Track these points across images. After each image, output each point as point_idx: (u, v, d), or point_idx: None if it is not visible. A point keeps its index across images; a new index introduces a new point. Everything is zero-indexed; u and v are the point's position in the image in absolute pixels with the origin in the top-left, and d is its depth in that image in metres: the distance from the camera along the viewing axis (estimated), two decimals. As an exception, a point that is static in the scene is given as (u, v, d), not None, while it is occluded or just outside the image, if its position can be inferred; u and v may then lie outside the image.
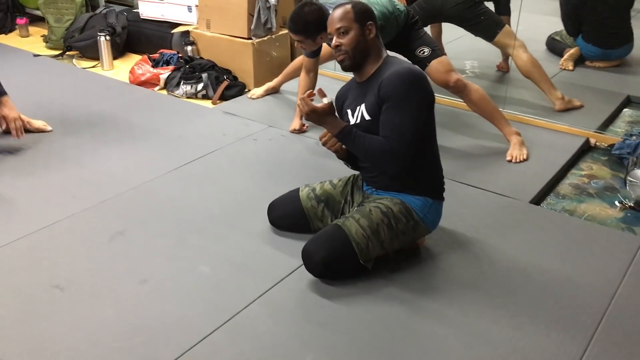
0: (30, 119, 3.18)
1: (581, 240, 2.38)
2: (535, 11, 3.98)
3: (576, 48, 4.32)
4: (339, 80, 3.97)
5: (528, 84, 3.62)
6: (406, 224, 2.12)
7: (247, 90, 3.88)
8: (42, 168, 2.87)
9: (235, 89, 3.81)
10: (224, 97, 3.75)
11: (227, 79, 3.81)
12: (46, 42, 4.71)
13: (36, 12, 5.08)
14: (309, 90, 2.10)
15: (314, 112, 2.05)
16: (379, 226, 2.08)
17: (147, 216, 2.50)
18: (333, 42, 2.12)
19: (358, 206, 2.21)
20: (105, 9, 4.62)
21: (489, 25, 3.54)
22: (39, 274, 2.14)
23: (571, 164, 3.05)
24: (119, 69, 4.28)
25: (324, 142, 2.14)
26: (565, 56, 4.32)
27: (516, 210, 2.58)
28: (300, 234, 2.33)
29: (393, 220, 2.10)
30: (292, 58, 4.10)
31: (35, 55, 4.44)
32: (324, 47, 3.29)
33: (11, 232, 2.36)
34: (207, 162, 2.95)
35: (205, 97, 3.77)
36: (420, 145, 2.07)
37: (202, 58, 4.02)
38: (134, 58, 4.46)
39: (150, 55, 4.06)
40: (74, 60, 4.42)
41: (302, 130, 3.28)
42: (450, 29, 4.10)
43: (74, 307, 1.99)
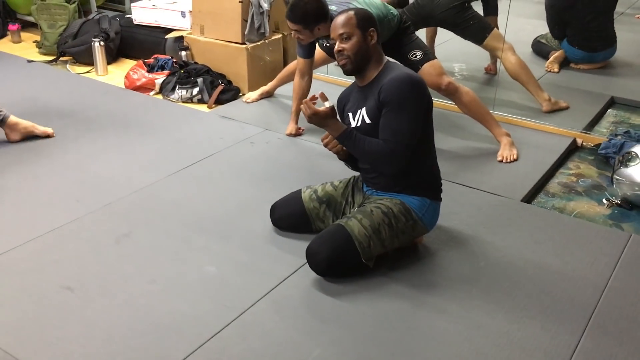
0: (35, 125, 3.23)
1: (571, 236, 2.48)
2: (521, 14, 4.09)
3: (561, 51, 4.44)
4: (332, 84, 4.05)
5: (516, 86, 3.73)
6: (406, 223, 2.21)
7: (241, 94, 3.95)
8: (45, 173, 2.91)
9: (229, 93, 3.88)
10: (219, 101, 3.81)
11: (221, 83, 3.87)
12: (39, 47, 4.73)
13: (28, 18, 5.10)
14: (311, 94, 2.17)
15: (316, 115, 2.12)
16: (380, 226, 2.16)
17: (151, 218, 2.56)
18: (336, 47, 2.19)
19: (359, 207, 2.29)
20: (97, 14, 4.66)
21: (479, 29, 3.64)
22: (48, 275, 2.20)
23: (559, 163, 3.15)
24: (113, 74, 4.32)
25: (326, 144, 2.22)
26: (551, 59, 4.44)
27: (509, 209, 2.67)
28: (301, 234, 2.41)
29: (393, 220, 2.18)
30: (285, 62, 4.18)
31: (29, 61, 4.47)
32: (317, 51, 3.37)
33: (18, 236, 2.41)
34: (206, 165, 3.01)
35: (201, 101, 3.83)
36: (418, 148, 2.16)
37: (196, 63, 4.08)
38: (128, 63, 4.50)
39: (145, 61, 4.11)
40: (67, 66, 4.45)
41: (298, 133, 3.35)
42: (438, 32, 4.20)
43: (85, 307, 2.04)
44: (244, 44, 3.91)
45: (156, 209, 2.63)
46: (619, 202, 2.78)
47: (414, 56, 3.10)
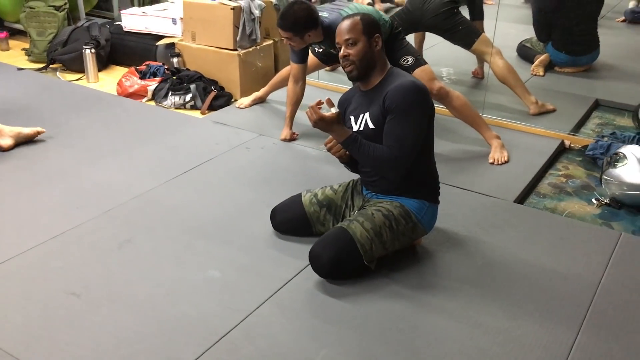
0: (21, 129, 3.24)
1: (564, 235, 2.56)
2: (506, 19, 4.18)
3: (546, 55, 4.54)
4: (323, 90, 4.11)
5: (504, 90, 3.81)
6: (406, 225, 2.26)
7: (233, 100, 3.98)
8: (43, 181, 2.92)
9: (222, 99, 3.91)
10: (211, 107, 3.84)
11: (214, 89, 3.91)
12: (28, 55, 4.73)
13: (16, 26, 5.09)
14: (316, 100, 2.21)
15: (322, 120, 2.16)
16: (381, 228, 2.21)
17: (153, 224, 2.59)
18: (341, 52, 2.24)
19: (359, 210, 2.34)
20: (87, 22, 4.66)
21: (467, 34, 3.72)
22: (54, 282, 2.22)
23: (549, 165, 3.23)
24: (104, 81, 4.34)
25: (329, 148, 2.27)
26: (536, 62, 4.54)
27: (502, 210, 2.74)
28: (302, 237, 2.45)
29: (394, 223, 2.23)
30: (276, 68, 4.22)
31: (19, 69, 4.47)
32: (310, 57, 3.42)
33: (21, 243, 2.42)
34: (204, 171, 3.04)
35: (194, 107, 3.86)
36: (419, 153, 2.21)
37: (188, 69, 4.11)
38: (118, 70, 4.52)
39: (137, 67, 4.13)
40: (58, 73, 4.46)
41: (292, 138, 3.40)
42: (426, 37, 4.27)
43: (92, 312, 2.07)
44: (236, 50, 3.95)
45: (157, 214, 2.66)
46: (608, 201, 2.86)
47: (405, 62, 3.17)
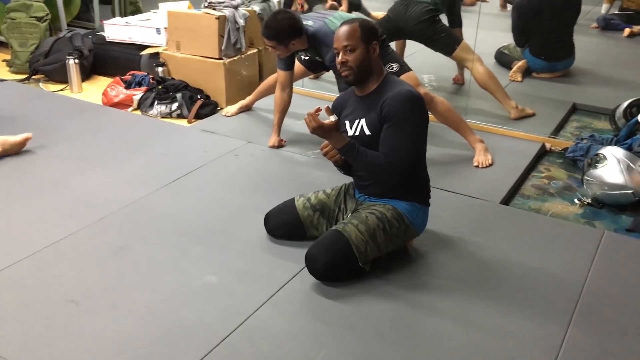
0: (7, 137, 3.23)
1: (549, 235, 2.64)
2: (484, 27, 4.27)
3: (524, 61, 4.65)
4: (307, 97, 4.16)
5: (486, 95, 3.90)
6: (399, 227, 2.32)
7: (219, 108, 4.01)
8: (33, 190, 2.92)
9: (208, 107, 3.94)
10: (198, 116, 3.87)
11: (200, 98, 3.94)
12: (9, 66, 4.71)
13: (-5, 37, 5.07)
14: (316, 107, 2.23)
15: (321, 128, 2.18)
16: (376, 231, 2.26)
17: (147, 231, 2.61)
18: (339, 58, 2.28)
19: (352, 213, 2.39)
20: (69, 32, 4.66)
21: (448, 41, 3.81)
22: (51, 290, 2.22)
23: (531, 167, 3.32)
24: (88, 91, 4.34)
25: (325, 153, 2.31)
26: (514, 68, 4.65)
27: (489, 211, 2.82)
28: (296, 241, 2.49)
29: (387, 225, 2.29)
30: (261, 77, 4.27)
31: (1, 80, 4.44)
32: (296, 65, 3.48)
33: (16, 253, 2.43)
34: (194, 178, 3.07)
35: (180, 116, 3.88)
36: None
37: (173, 79, 4.13)
38: (102, 80, 4.52)
39: (122, 77, 4.14)
40: (40, 84, 4.45)
41: (280, 145, 3.44)
42: (407, 44, 4.36)
43: (92, 320, 2.08)
44: (221, 59, 3.99)
45: (150, 221, 2.68)
46: (589, 201, 2.95)
47: (390, 68, 3.23)
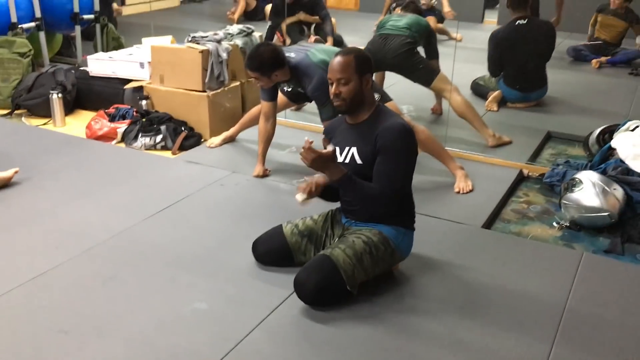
0: None
1: (530, 257, 2.71)
2: (460, 60, 4.41)
3: (498, 91, 4.79)
4: (290, 128, 4.24)
5: (464, 124, 4.01)
6: (385, 251, 2.37)
7: (203, 140, 4.06)
8: (19, 222, 2.93)
9: (192, 139, 3.99)
10: (182, 148, 3.91)
11: (184, 129, 3.98)
12: (-9, 101, 4.71)
13: (-23, 73, 5.07)
14: (305, 139, 2.24)
15: (319, 158, 2.21)
16: (362, 255, 2.31)
17: (134, 260, 2.62)
18: (333, 90, 2.35)
19: (339, 238, 2.44)
20: (52, 67, 4.70)
21: (427, 72, 3.93)
22: (40, 320, 2.22)
23: (510, 192, 3.42)
24: (71, 125, 4.36)
25: (308, 193, 2.35)
26: (490, 99, 4.79)
27: (471, 235, 2.89)
28: (284, 267, 2.53)
29: (374, 249, 2.34)
30: (244, 109, 4.34)
31: (-17, 115, 4.46)
32: (279, 96, 3.55)
33: (3, 284, 2.42)
34: (181, 208, 3.10)
35: (164, 148, 3.92)
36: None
37: (157, 111, 4.18)
38: (85, 114, 4.55)
39: (106, 110, 4.18)
40: (23, 119, 4.46)
41: (265, 174, 3.49)
42: (386, 75, 4.48)
43: (83, 349, 2.08)
44: (205, 91, 4.05)
45: (137, 251, 2.69)
46: (567, 224, 3.04)
47: (371, 98, 3.32)
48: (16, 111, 4.54)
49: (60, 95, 4.30)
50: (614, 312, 2.33)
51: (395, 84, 4.57)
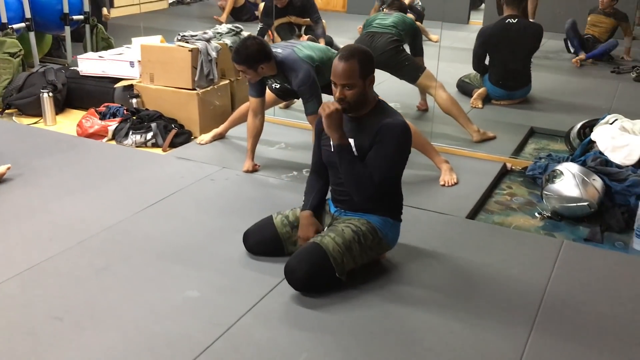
0: None
1: (513, 245, 2.80)
2: (444, 59, 4.50)
3: (483, 89, 4.89)
4: (279, 125, 4.30)
5: (449, 120, 4.10)
6: (372, 240, 2.44)
7: (193, 137, 4.12)
8: (12, 216, 2.97)
9: (182, 136, 4.04)
10: (172, 145, 3.96)
11: (175, 127, 4.04)
12: (-18, 101, 4.74)
13: (-32, 73, 5.10)
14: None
15: (337, 114, 2.30)
16: (351, 243, 2.38)
17: (127, 252, 2.67)
18: (337, 94, 2.36)
19: (328, 227, 2.51)
20: (42, 67, 4.74)
21: (412, 70, 4.02)
22: (36, 309, 2.27)
23: (494, 185, 3.50)
24: (62, 124, 4.40)
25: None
26: (475, 96, 4.88)
27: (456, 225, 2.97)
28: (274, 257, 2.59)
29: (362, 238, 2.41)
30: (233, 106, 4.40)
31: (-26, 114, 4.49)
32: (268, 93, 3.62)
33: (-2, 275, 2.48)
34: (172, 202, 3.15)
35: (155, 145, 3.97)
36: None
37: (147, 109, 4.23)
38: (75, 113, 4.59)
39: (97, 109, 4.22)
40: (14, 118, 4.50)
41: (254, 169, 3.56)
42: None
43: (78, 335, 2.14)
44: (195, 89, 4.11)
45: (130, 243, 2.75)
46: (549, 215, 3.13)
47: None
48: (7, 110, 4.57)
49: (50, 94, 4.33)
50: (591, 295, 2.42)
51: (382, 83, 4.64)
